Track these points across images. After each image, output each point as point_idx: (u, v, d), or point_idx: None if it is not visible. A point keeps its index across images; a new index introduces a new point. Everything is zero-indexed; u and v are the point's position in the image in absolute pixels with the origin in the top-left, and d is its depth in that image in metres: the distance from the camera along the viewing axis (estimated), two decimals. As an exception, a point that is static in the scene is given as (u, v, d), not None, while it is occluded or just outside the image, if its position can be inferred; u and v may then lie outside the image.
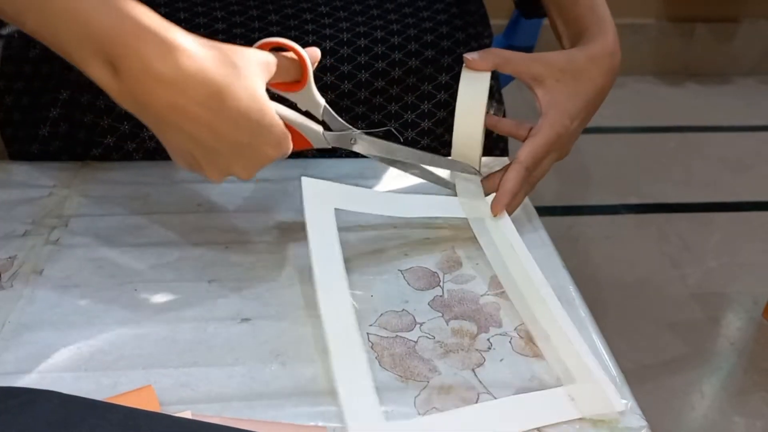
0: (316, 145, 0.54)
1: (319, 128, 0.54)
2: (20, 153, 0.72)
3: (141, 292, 0.53)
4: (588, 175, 1.76)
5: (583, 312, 0.54)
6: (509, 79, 0.97)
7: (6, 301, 0.52)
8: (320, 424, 0.43)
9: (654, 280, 1.43)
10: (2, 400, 0.43)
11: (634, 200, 1.68)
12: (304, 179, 0.55)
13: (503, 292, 0.55)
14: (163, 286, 0.54)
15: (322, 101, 0.54)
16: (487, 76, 0.58)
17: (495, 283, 0.56)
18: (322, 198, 0.55)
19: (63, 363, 0.47)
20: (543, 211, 0.65)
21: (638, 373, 0.50)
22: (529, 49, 1.04)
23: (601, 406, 0.45)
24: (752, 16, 2.13)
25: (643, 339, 1.27)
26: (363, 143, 0.56)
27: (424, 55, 0.72)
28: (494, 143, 0.80)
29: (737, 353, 1.28)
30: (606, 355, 0.50)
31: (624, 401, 0.45)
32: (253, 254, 0.57)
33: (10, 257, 0.56)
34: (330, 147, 0.55)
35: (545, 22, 1.04)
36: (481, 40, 0.77)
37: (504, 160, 0.72)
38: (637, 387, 0.48)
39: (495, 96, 0.78)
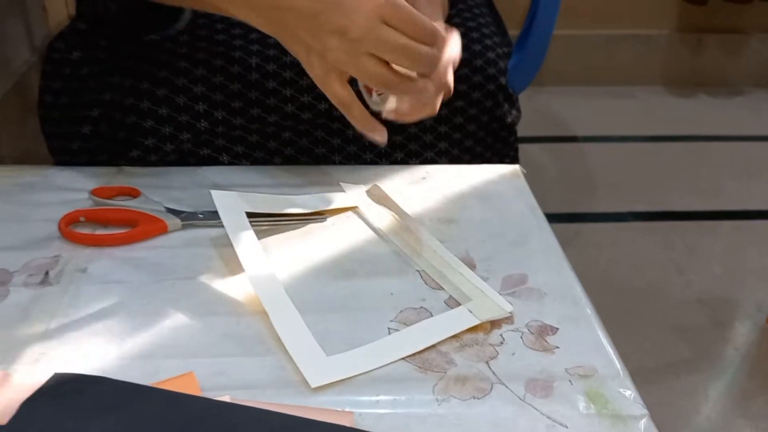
0: None
1: None
2: (60, 149, 0.76)
3: (179, 288, 0.57)
4: (595, 182, 1.80)
5: (588, 310, 0.57)
6: (525, 84, 1.01)
7: (53, 296, 0.56)
8: (347, 409, 0.47)
9: (660, 286, 1.46)
10: (55, 386, 0.47)
11: (640, 208, 1.71)
12: (213, 192, 0.62)
13: (515, 291, 0.59)
14: (197, 282, 0.58)
15: None
16: None
17: (507, 283, 0.59)
18: (232, 204, 0.62)
19: (107, 353, 0.51)
20: (550, 217, 0.68)
21: (643, 375, 0.53)
22: (540, 61, 1.08)
23: (494, 312, 0.55)
24: (760, 29, 2.16)
25: (649, 342, 1.30)
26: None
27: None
28: (506, 150, 0.84)
29: (741, 358, 1.31)
30: (610, 350, 0.53)
31: (627, 392, 0.49)
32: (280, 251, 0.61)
33: (54, 256, 0.60)
34: None
35: (555, 32, 1.08)
36: (501, 48, 0.81)
37: (515, 168, 0.76)
38: (642, 388, 0.51)
39: (513, 102, 0.81)
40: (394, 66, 0.55)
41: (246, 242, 0.59)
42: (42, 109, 0.77)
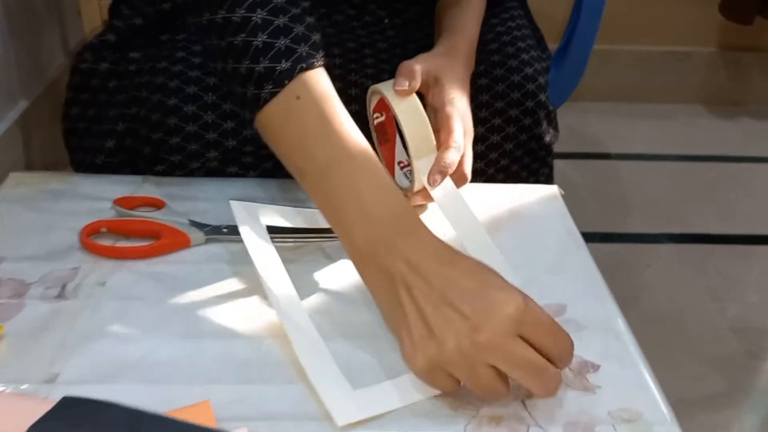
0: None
1: None
2: (84, 163, 0.74)
3: (199, 307, 0.55)
4: (628, 202, 1.75)
5: (632, 346, 0.54)
6: (562, 100, 0.97)
7: (70, 311, 0.54)
8: (372, 447, 0.44)
9: (693, 313, 1.41)
10: (66, 409, 0.44)
11: (675, 230, 1.66)
12: (232, 203, 0.59)
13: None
14: (218, 301, 0.56)
15: None
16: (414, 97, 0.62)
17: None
18: (253, 218, 0.59)
19: (124, 374, 0.49)
20: (582, 237, 0.66)
21: (675, 407, 0.50)
22: (579, 77, 1.04)
23: None
24: (802, 47, 2.10)
25: (683, 373, 1.25)
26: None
27: (478, 83, 0.73)
28: (542, 169, 0.81)
29: (778, 391, 1.26)
30: (656, 392, 0.50)
31: None
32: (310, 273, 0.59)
33: (74, 268, 0.58)
34: None
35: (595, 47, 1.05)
36: (540, 63, 0.78)
37: (553, 189, 0.73)
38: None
39: (552, 119, 0.78)
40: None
41: (267, 260, 0.56)
42: (67, 120, 0.75)
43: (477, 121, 0.74)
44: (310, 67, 0.54)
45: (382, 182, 0.52)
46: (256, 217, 0.59)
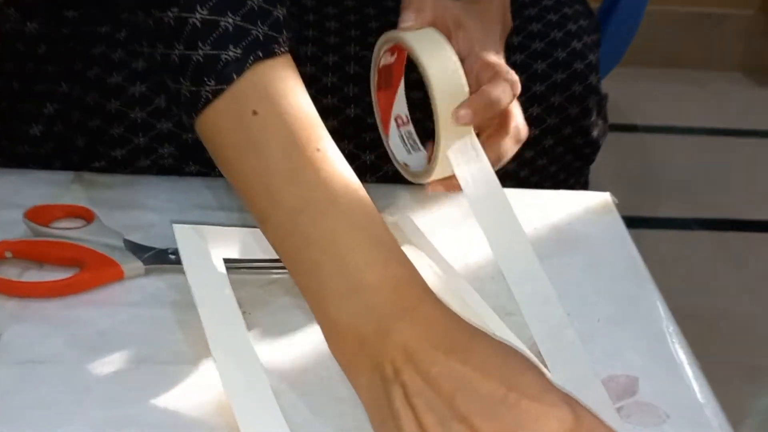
0: None
1: None
2: (2, 152, 0.59)
3: (126, 378, 0.39)
4: (656, 181, 1.60)
5: (682, 354, 0.40)
6: (606, 70, 0.81)
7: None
8: None
9: (732, 314, 1.27)
10: None
11: (708, 214, 1.52)
12: (176, 227, 0.44)
13: (621, 407, 0.40)
14: (155, 368, 0.40)
15: None
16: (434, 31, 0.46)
17: (608, 392, 0.41)
18: (203, 249, 0.43)
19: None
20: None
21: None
22: (627, 45, 0.88)
23: None
24: None
25: (721, 385, 1.12)
26: None
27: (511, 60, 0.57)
28: (584, 168, 0.65)
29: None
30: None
31: None
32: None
33: (-39, 311, 0.42)
34: None
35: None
36: (589, 35, 0.62)
37: (604, 198, 0.57)
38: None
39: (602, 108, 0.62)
40: None
41: (217, 310, 0.41)
42: None
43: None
44: (270, 55, 0.37)
45: (377, 236, 0.36)
46: (205, 245, 0.43)
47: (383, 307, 0.34)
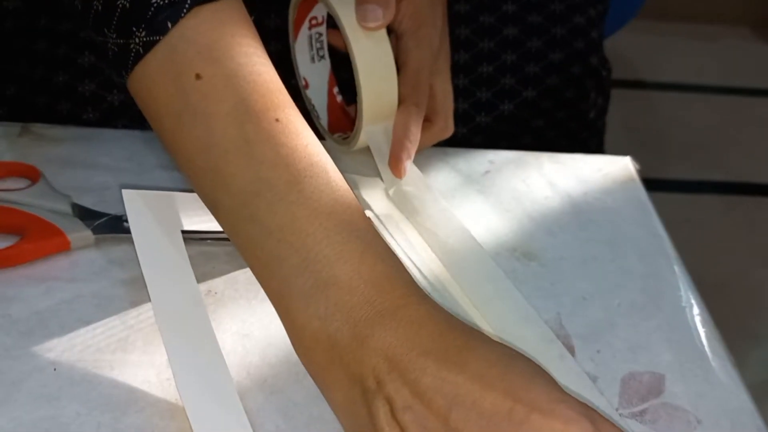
0: None
1: None
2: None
3: (71, 371, 0.33)
4: (664, 140, 1.54)
5: (716, 348, 0.33)
6: (616, 26, 0.74)
7: None
8: None
9: (742, 282, 1.23)
10: None
11: (718, 177, 1.47)
12: (125, 192, 0.38)
13: (644, 409, 0.34)
14: (103, 360, 0.34)
15: None
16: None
17: (629, 391, 0.35)
18: (159, 217, 0.38)
19: None
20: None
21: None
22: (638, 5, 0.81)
23: None
24: None
25: (732, 350, 1.08)
26: None
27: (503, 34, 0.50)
28: (587, 138, 0.59)
29: None
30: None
31: None
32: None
33: None
34: None
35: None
36: (595, 6, 0.55)
37: (624, 162, 0.51)
38: None
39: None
40: None
41: (171, 293, 0.35)
42: None
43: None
44: None
45: (350, 223, 0.30)
46: (163, 219, 0.37)
47: (359, 309, 0.28)
